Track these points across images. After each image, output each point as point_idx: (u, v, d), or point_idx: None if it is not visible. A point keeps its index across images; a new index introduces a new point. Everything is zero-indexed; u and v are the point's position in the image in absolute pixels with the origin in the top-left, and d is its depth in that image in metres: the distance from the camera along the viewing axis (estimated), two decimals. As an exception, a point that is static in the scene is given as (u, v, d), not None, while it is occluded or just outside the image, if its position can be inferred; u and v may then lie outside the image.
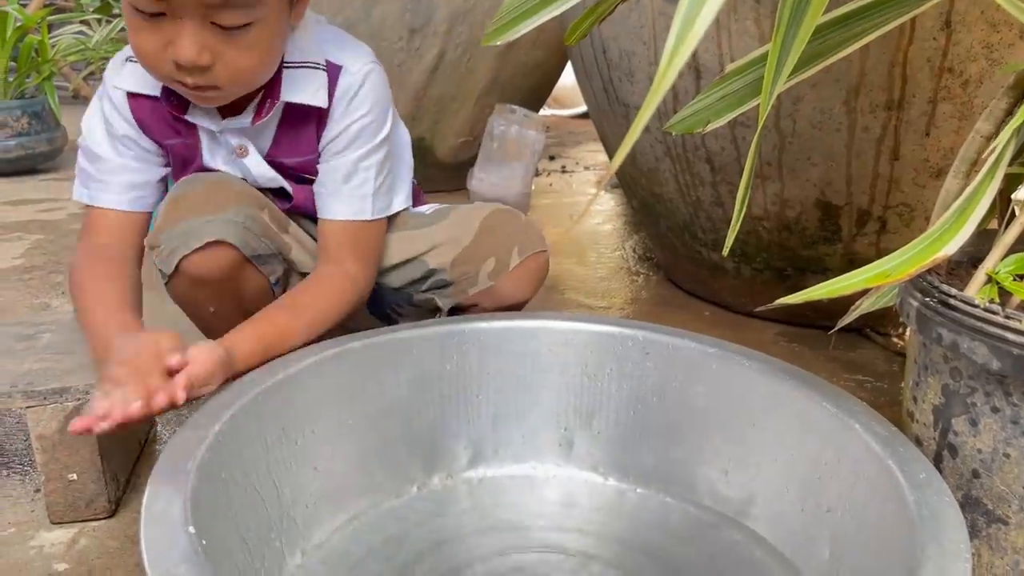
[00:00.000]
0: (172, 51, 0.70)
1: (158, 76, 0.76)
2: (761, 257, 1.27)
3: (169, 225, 0.80)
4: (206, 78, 0.73)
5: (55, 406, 0.76)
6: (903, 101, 1.01)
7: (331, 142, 0.86)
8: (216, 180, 0.84)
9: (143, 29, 0.71)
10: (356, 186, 0.87)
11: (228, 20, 0.70)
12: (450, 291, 0.93)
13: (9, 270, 1.57)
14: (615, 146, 1.45)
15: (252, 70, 0.76)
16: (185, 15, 0.69)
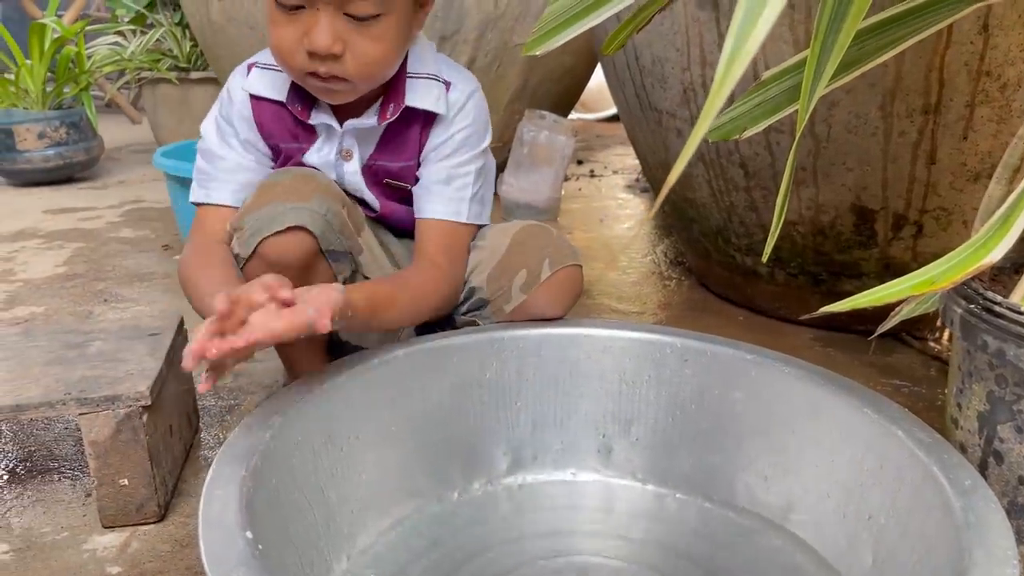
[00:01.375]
0: (308, 40, 0.77)
1: (292, 68, 0.82)
2: (796, 262, 1.26)
3: (255, 208, 0.84)
4: (337, 67, 0.79)
5: (107, 413, 0.78)
6: (940, 105, 1.01)
7: (436, 149, 0.92)
8: (306, 172, 0.88)
9: (282, 23, 0.79)
10: (456, 189, 0.92)
11: (361, 9, 0.77)
12: (488, 310, 0.94)
13: (52, 278, 1.61)
14: (647, 151, 1.45)
15: (379, 61, 0.82)
16: (322, 5, 0.76)
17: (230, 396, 1.11)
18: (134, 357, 0.87)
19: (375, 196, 0.95)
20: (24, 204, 2.25)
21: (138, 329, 0.95)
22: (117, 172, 2.68)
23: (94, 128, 2.53)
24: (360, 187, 0.94)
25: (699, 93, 1.20)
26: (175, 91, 2.74)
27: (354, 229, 0.89)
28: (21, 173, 2.42)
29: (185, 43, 2.76)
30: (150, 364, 0.85)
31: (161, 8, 2.81)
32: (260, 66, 0.90)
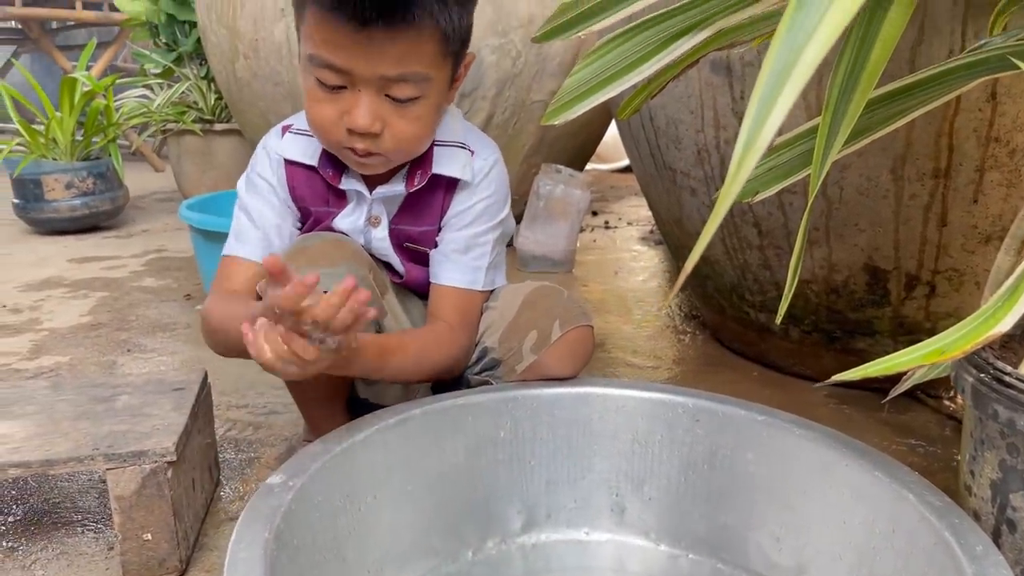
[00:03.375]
0: (348, 119, 0.81)
1: (328, 142, 0.86)
2: (809, 319, 1.28)
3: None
4: (374, 144, 0.83)
5: (134, 468, 0.79)
6: (950, 169, 1.03)
7: (458, 215, 0.95)
8: (335, 237, 0.92)
9: (324, 100, 0.81)
10: (473, 258, 0.96)
11: (401, 93, 0.80)
12: (500, 371, 0.96)
13: (77, 328, 1.64)
14: (661, 208, 1.48)
15: (415, 139, 0.86)
16: (364, 87, 0.79)
17: (250, 449, 1.12)
18: (160, 412, 0.89)
19: (401, 261, 0.98)
20: (50, 252, 2.30)
21: (163, 383, 0.97)
22: (141, 221, 2.74)
23: (120, 179, 2.59)
24: (388, 252, 0.97)
25: (712, 154, 1.22)
26: (199, 142, 2.81)
27: (379, 292, 0.92)
28: (48, 222, 2.48)
29: (210, 96, 2.83)
30: (175, 419, 0.87)
31: (188, 62, 2.89)
32: (294, 131, 0.94)
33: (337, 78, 0.79)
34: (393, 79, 0.79)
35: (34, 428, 0.86)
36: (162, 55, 2.93)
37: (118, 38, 3.75)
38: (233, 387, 1.33)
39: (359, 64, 0.78)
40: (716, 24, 0.74)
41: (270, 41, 2.02)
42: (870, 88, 0.69)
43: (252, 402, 1.28)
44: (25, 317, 1.71)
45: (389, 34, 0.75)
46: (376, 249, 0.97)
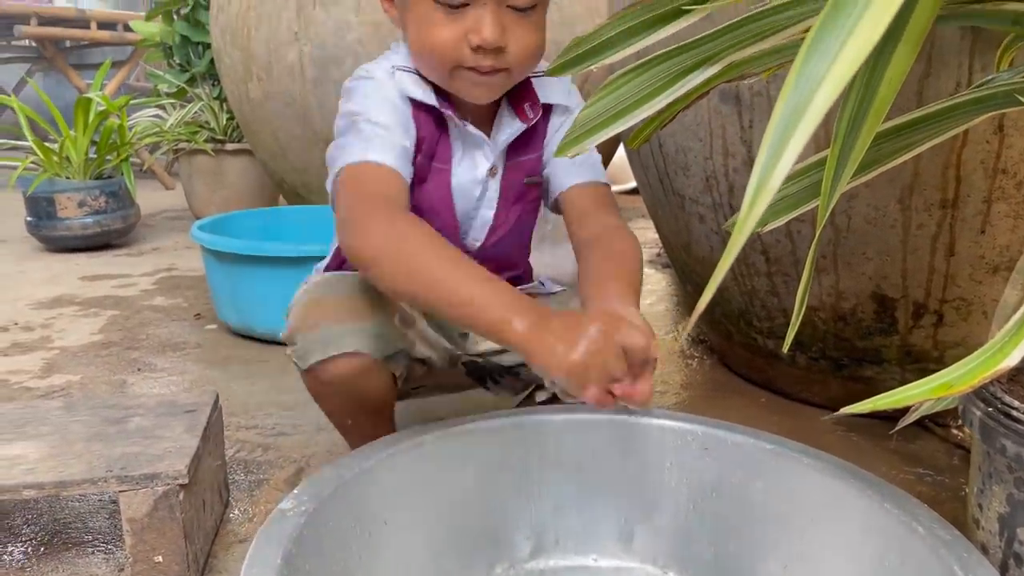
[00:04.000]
0: (475, 36, 0.79)
1: (447, 65, 0.83)
2: (817, 346, 1.28)
3: (307, 328, 0.85)
4: (500, 60, 0.82)
5: (146, 490, 0.80)
6: (957, 200, 1.04)
7: (558, 131, 0.95)
8: (357, 289, 0.86)
9: (444, 23, 0.80)
10: (585, 158, 0.94)
11: (523, 1, 0.80)
12: None
13: (88, 346, 1.65)
14: (669, 233, 1.49)
15: (538, 49, 0.85)
16: (488, 1, 0.79)
17: (259, 470, 1.13)
18: (172, 434, 0.89)
19: (495, 213, 0.95)
20: (61, 270, 2.32)
21: (175, 405, 0.98)
22: (151, 239, 2.76)
23: (132, 197, 2.61)
24: (492, 205, 0.95)
25: (721, 181, 1.23)
26: (210, 162, 2.83)
27: (404, 328, 0.90)
28: (60, 239, 2.50)
29: (222, 116, 2.86)
30: (188, 441, 0.88)
31: (201, 83, 2.93)
32: (401, 68, 0.89)
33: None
34: None
35: (48, 449, 0.87)
36: (176, 76, 2.97)
37: (131, 58, 3.80)
38: (242, 408, 1.34)
39: None
40: (727, 59, 0.75)
41: (283, 63, 2.04)
42: (877, 123, 0.70)
43: (261, 423, 1.29)
44: (37, 335, 1.73)
45: None
46: (484, 204, 0.95)
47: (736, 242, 0.43)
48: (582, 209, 0.94)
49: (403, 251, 0.74)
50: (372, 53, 1.93)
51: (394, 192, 0.81)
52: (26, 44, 4.28)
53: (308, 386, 0.91)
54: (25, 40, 3.87)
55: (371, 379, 0.89)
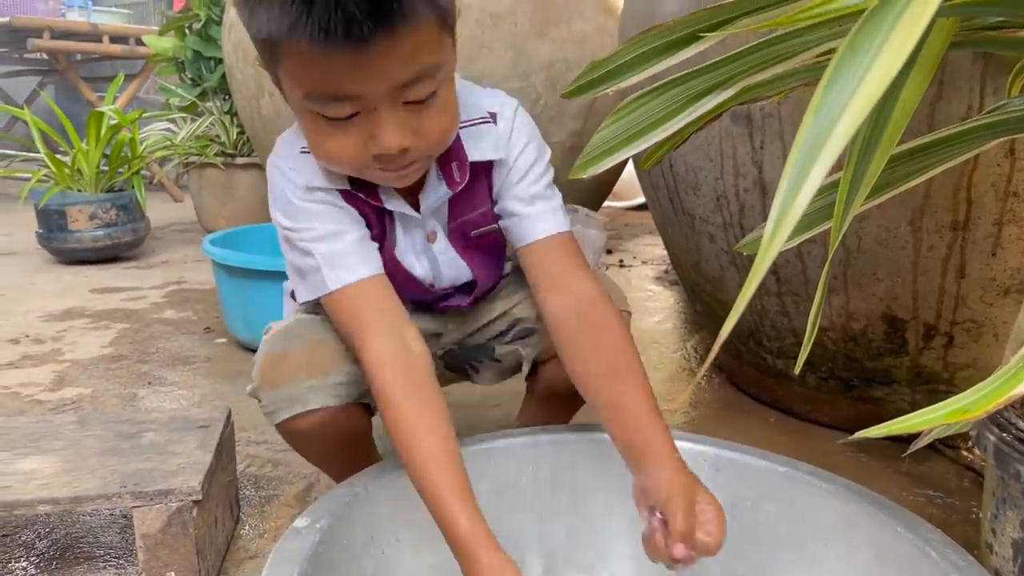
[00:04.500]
0: (375, 144, 0.69)
1: (354, 173, 0.76)
2: (827, 367, 1.28)
3: (271, 386, 0.83)
4: (408, 156, 0.72)
5: (160, 506, 0.81)
6: (968, 222, 1.04)
7: (505, 179, 0.85)
8: (318, 340, 0.84)
9: (334, 134, 0.69)
10: (545, 203, 0.85)
11: (419, 93, 0.68)
12: (534, 340, 0.94)
13: (98, 359, 1.66)
14: (679, 252, 1.49)
15: (446, 133, 0.75)
16: (379, 105, 0.67)
17: (269, 486, 1.13)
18: (185, 450, 0.90)
19: (468, 263, 0.91)
20: (72, 282, 2.33)
21: (188, 420, 0.98)
22: (161, 251, 2.77)
23: (143, 210, 2.63)
24: (454, 261, 0.89)
25: (731, 201, 1.24)
26: (220, 175, 2.85)
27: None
28: (71, 252, 2.52)
29: (232, 130, 2.88)
30: (201, 457, 0.88)
31: (212, 97, 2.95)
32: (304, 150, 0.78)
33: (347, 107, 0.67)
34: (408, 82, 0.67)
35: (62, 464, 0.87)
36: (187, 90, 2.99)
37: (143, 72, 3.83)
38: (252, 423, 1.34)
39: (368, 83, 0.65)
40: (740, 83, 0.76)
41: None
42: (891, 147, 0.71)
43: (271, 438, 1.29)
44: (48, 347, 1.73)
45: (391, 39, 0.63)
46: (442, 263, 0.89)
47: (757, 272, 0.43)
48: (548, 270, 0.84)
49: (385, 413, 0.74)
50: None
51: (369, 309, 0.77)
52: (38, 57, 4.32)
53: (282, 435, 0.89)
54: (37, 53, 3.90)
55: (343, 422, 0.88)
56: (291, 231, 0.79)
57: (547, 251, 0.84)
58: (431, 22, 0.66)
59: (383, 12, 0.61)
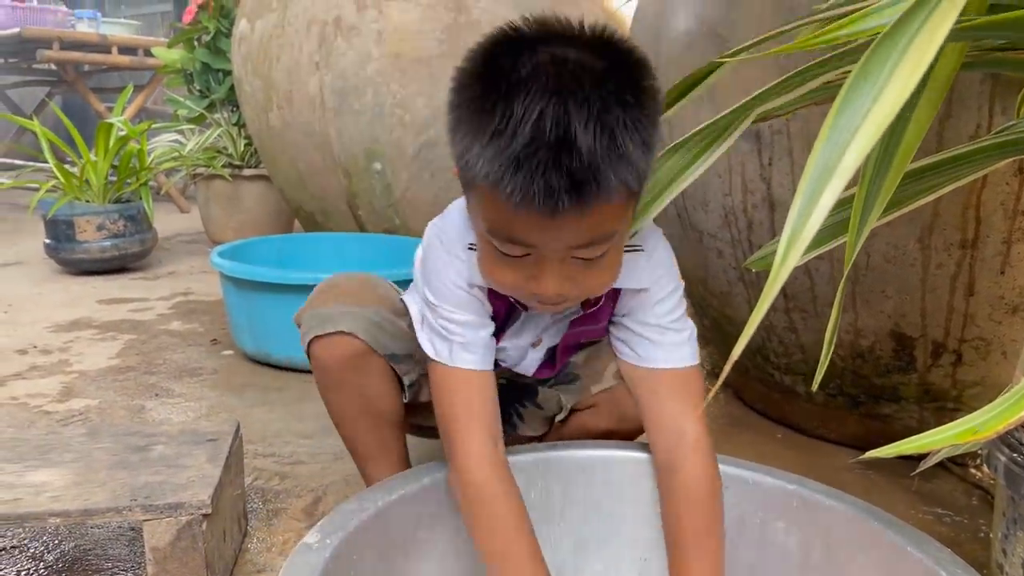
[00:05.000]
0: (535, 286, 0.72)
1: (510, 295, 0.80)
2: (834, 383, 1.28)
3: (313, 306, 0.91)
4: (561, 298, 0.74)
5: (170, 520, 0.81)
6: (977, 241, 1.04)
7: (638, 304, 0.85)
8: (370, 278, 0.94)
9: (504, 266, 0.73)
10: (675, 335, 0.85)
11: (590, 254, 0.71)
12: (576, 386, 0.97)
13: (105, 370, 1.66)
14: (686, 268, 1.49)
15: (605, 286, 0.77)
16: (550, 254, 0.70)
17: (276, 499, 1.13)
18: (195, 463, 0.90)
19: (551, 364, 0.94)
20: (79, 293, 2.34)
21: (197, 433, 0.99)
22: (168, 262, 2.78)
23: (150, 221, 2.64)
24: (530, 367, 0.94)
25: (740, 217, 1.24)
26: (227, 187, 2.86)
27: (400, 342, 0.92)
28: (78, 262, 2.52)
29: (240, 142, 2.90)
30: (210, 471, 0.88)
31: (220, 109, 2.97)
32: (471, 247, 0.81)
33: (520, 250, 0.70)
34: (581, 245, 0.70)
35: (72, 476, 0.87)
36: (195, 101, 3.01)
37: (151, 83, 3.85)
38: (260, 435, 1.35)
39: (547, 241, 0.68)
40: (755, 112, 0.77)
41: (304, 93, 2.07)
42: (903, 167, 0.71)
43: (279, 451, 1.29)
44: (55, 358, 1.74)
45: (581, 212, 0.65)
46: (529, 361, 0.93)
47: (768, 293, 0.44)
48: (664, 405, 0.83)
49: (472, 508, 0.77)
50: (392, 85, 1.96)
51: (480, 404, 0.80)
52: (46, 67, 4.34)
53: (316, 378, 0.95)
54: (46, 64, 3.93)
55: (370, 371, 0.91)
56: (435, 306, 0.82)
57: (670, 385, 0.84)
58: (621, 198, 0.68)
59: (581, 190, 0.64)
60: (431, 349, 0.82)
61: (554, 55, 0.65)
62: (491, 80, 0.65)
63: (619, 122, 0.64)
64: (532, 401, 1.03)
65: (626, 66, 0.67)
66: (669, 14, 1.31)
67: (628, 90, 0.65)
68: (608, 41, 0.68)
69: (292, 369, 1.65)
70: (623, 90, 0.65)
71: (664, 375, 0.84)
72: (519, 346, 0.91)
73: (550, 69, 0.64)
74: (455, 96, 0.69)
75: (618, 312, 0.87)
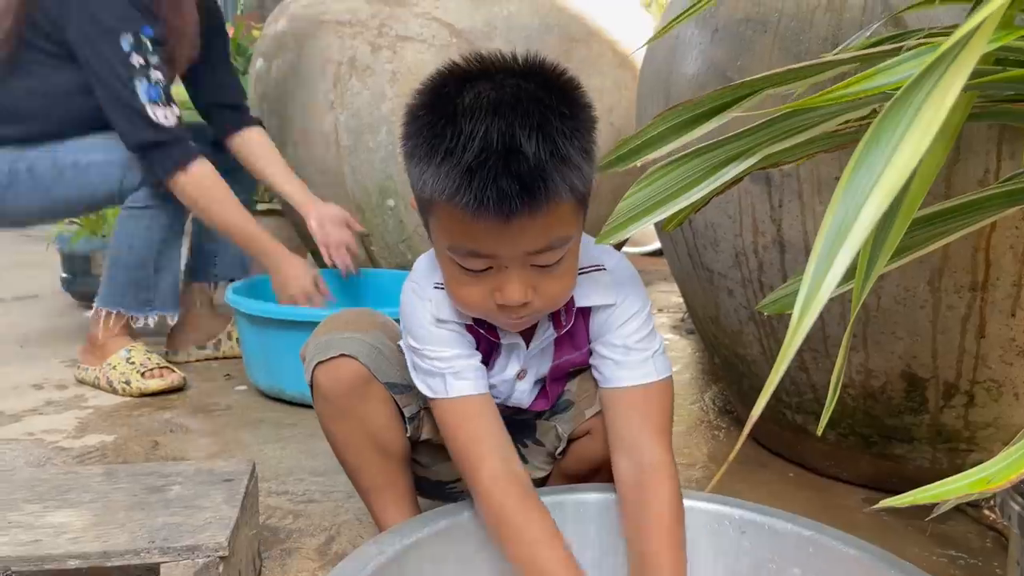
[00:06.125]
0: (500, 296, 0.78)
1: (479, 316, 0.85)
2: (846, 423, 1.28)
3: (317, 336, 0.96)
4: (526, 309, 0.80)
5: (187, 562, 0.81)
6: (987, 283, 1.05)
7: (604, 323, 0.90)
8: (369, 310, 1.00)
9: (468, 283, 0.79)
10: (638, 353, 0.88)
11: (547, 260, 0.78)
12: (571, 414, 0.98)
13: (120, 406, 1.68)
14: (697, 305, 1.50)
15: (565, 293, 0.83)
16: (510, 264, 0.77)
17: (289, 539, 1.14)
18: (211, 504, 0.91)
19: (543, 396, 0.98)
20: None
21: (213, 473, 1.00)
22: (181, 296, 2.80)
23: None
24: (523, 400, 0.97)
25: (750, 257, 1.25)
26: (242, 221, 2.89)
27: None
28: (94, 296, 2.54)
29: (254, 177, 2.93)
30: (227, 512, 0.89)
31: (235, 144, 3.00)
32: (441, 286, 0.87)
33: (482, 263, 0.77)
34: (540, 251, 0.77)
35: (91, 517, 0.88)
36: (210, 137, 3.04)
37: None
38: (273, 473, 1.35)
39: (505, 248, 0.76)
40: (763, 151, 0.78)
41: (319, 131, 2.10)
42: (910, 216, 0.72)
43: (291, 489, 1.30)
44: (71, 393, 1.76)
45: (533, 215, 0.73)
46: (517, 394, 0.96)
47: (786, 353, 0.45)
48: (623, 427, 0.87)
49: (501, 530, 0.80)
50: (406, 123, 1.98)
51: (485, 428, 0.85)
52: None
53: (318, 409, 0.97)
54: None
55: (372, 398, 0.94)
56: (419, 350, 0.88)
57: (630, 403, 0.88)
58: (570, 202, 0.76)
59: (531, 192, 0.71)
60: (427, 389, 0.88)
61: (494, 81, 0.74)
62: (439, 108, 0.73)
63: (558, 131, 0.73)
64: (532, 438, 1.04)
65: (558, 85, 0.77)
66: (679, 57, 1.34)
67: (563, 104, 0.75)
68: (540, 66, 0.77)
69: (304, 405, 1.66)
70: (559, 104, 0.74)
71: (625, 394, 0.88)
72: (504, 380, 0.94)
73: (492, 93, 0.72)
74: (407, 128, 0.77)
75: (592, 335, 0.92)
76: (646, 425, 0.86)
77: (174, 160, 1.63)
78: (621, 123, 2.13)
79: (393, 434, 0.97)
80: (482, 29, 2.00)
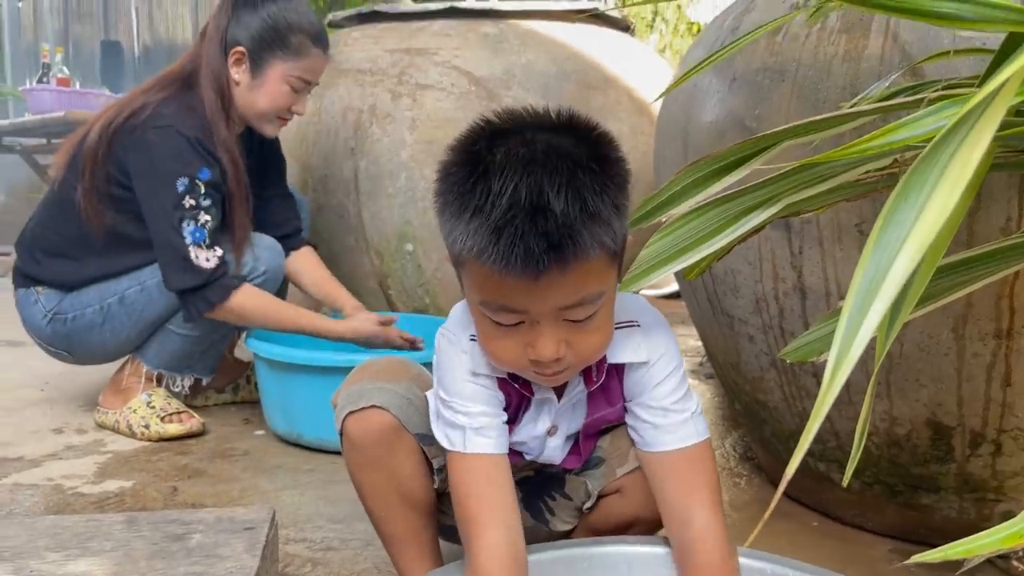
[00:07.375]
0: (532, 351, 0.77)
1: (513, 371, 0.84)
2: (871, 471, 1.26)
3: (348, 385, 0.95)
4: (561, 363, 0.78)
5: (208, 614, 0.81)
6: (1012, 331, 1.04)
7: (640, 382, 0.88)
8: (404, 360, 0.99)
9: (501, 337, 0.78)
10: (676, 415, 0.87)
11: (579, 315, 0.76)
12: (602, 471, 0.97)
13: (139, 451, 1.68)
14: (717, 351, 1.50)
15: (600, 348, 0.82)
16: (542, 319, 0.75)
17: (309, 588, 1.13)
18: (232, 553, 0.91)
19: (575, 452, 0.97)
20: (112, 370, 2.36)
21: (234, 521, 0.99)
22: (199, 339, 2.82)
23: (184, 298, 2.68)
24: (555, 457, 0.95)
25: (771, 303, 1.25)
26: (260, 265, 2.91)
27: None
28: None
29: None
30: (248, 562, 0.89)
31: (255, 189, 3.04)
32: (472, 338, 0.87)
33: (513, 318, 0.76)
34: (571, 306, 0.75)
35: (112, 567, 0.88)
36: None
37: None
38: (291, 519, 1.35)
39: (536, 304, 0.74)
40: (784, 200, 0.78)
41: (339, 177, 2.13)
42: (934, 265, 0.72)
43: (310, 536, 1.29)
44: (90, 438, 1.76)
45: (562, 272, 0.72)
46: (548, 450, 0.95)
47: (819, 413, 0.44)
48: (671, 494, 0.85)
49: None
50: (425, 170, 2.01)
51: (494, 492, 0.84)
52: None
53: (347, 458, 0.96)
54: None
55: (402, 449, 0.93)
56: (447, 401, 0.87)
57: (672, 467, 0.86)
58: (602, 258, 0.75)
59: (559, 250, 0.70)
60: (446, 441, 0.87)
61: (524, 137, 0.73)
62: (470, 165, 0.73)
63: (588, 187, 0.71)
64: (560, 492, 1.03)
65: (590, 140, 0.76)
66: (697, 105, 1.35)
67: (593, 160, 0.73)
68: (571, 121, 0.77)
69: (323, 450, 1.66)
70: (589, 160, 0.73)
71: (667, 458, 0.86)
72: (535, 435, 0.93)
73: (521, 150, 0.72)
74: (440, 184, 0.77)
75: (627, 394, 0.90)
76: (692, 490, 0.84)
77: (208, 302, 1.65)
78: (637, 167, 2.14)
79: (420, 485, 0.96)
80: (500, 77, 2.03)
